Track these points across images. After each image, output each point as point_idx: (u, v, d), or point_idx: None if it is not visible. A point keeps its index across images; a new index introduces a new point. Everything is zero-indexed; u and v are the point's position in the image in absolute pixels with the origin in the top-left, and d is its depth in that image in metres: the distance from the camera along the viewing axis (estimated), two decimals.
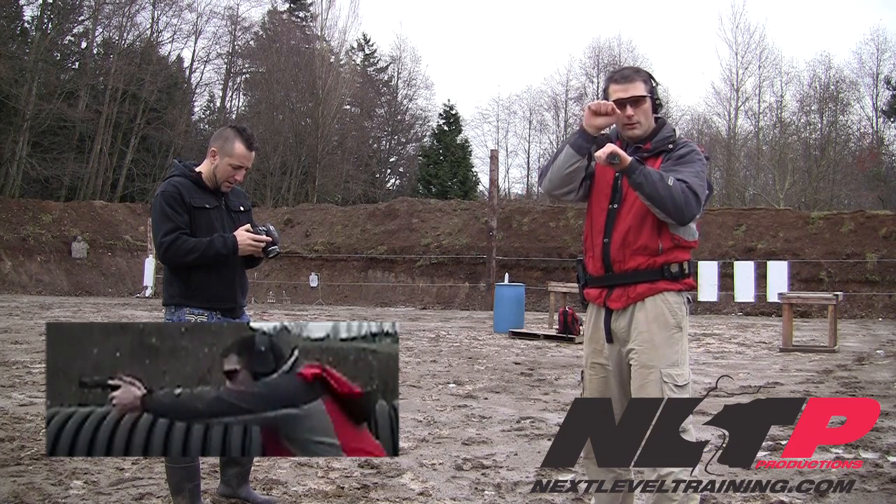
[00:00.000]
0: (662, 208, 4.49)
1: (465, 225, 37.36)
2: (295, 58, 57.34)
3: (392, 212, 39.66)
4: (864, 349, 17.38)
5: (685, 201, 4.47)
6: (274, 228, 5.84)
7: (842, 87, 54.70)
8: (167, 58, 57.38)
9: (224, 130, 5.73)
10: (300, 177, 55.42)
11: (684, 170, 4.59)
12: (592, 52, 62.53)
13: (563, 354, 16.13)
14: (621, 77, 4.84)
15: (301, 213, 42.16)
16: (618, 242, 4.70)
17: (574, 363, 14.34)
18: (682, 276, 4.72)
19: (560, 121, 63.43)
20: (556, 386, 11.86)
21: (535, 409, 9.99)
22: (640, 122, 4.76)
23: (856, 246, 30.30)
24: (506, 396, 10.92)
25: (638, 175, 4.47)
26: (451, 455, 7.52)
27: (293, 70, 56.47)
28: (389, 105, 67.88)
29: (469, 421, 9.17)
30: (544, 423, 9.00)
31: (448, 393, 11.07)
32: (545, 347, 17.52)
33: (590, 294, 4.90)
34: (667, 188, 4.45)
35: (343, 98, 58.20)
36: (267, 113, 56.25)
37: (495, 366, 14.05)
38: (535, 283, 31.58)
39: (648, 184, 4.45)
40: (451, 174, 57.85)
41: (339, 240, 38.67)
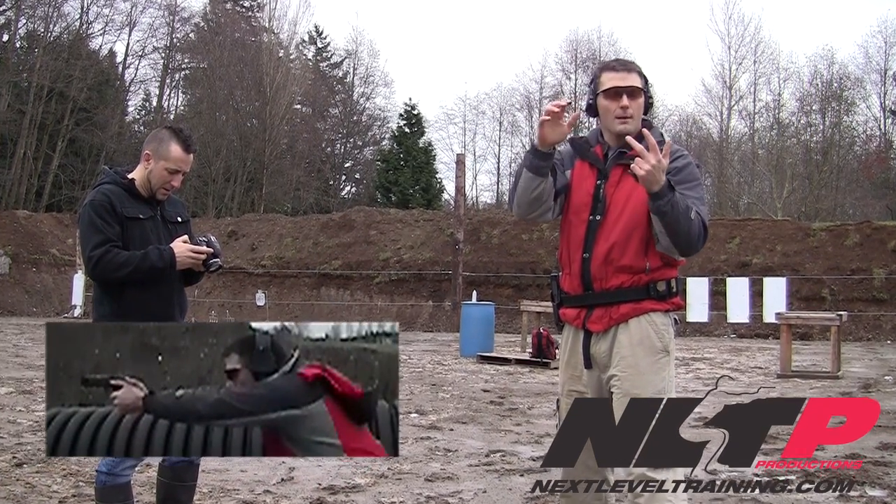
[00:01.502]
0: (674, 240, 4.51)
1: (428, 237, 37.35)
2: (240, 52, 57.30)
3: (347, 223, 39.60)
4: (870, 375, 17.42)
5: (698, 236, 4.51)
6: (215, 239, 5.81)
7: (846, 84, 54.82)
8: (98, 52, 57.36)
9: (159, 132, 5.71)
10: (245, 184, 55.38)
11: (690, 194, 4.58)
12: (569, 46, 62.94)
13: (536, 381, 16.16)
14: (620, 65, 4.83)
15: (246, 224, 42.04)
16: (600, 259, 4.67)
17: (549, 391, 14.36)
18: (670, 295, 4.72)
19: (533, 122, 63.33)
20: (529, 416, 11.89)
21: (506, 441, 10.01)
22: (633, 116, 4.72)
23: (861, 261, 30.16)
24: (473, 427, 10.93)
25: (666, 203, 4.41)
26: (413, 493, 7.51)
27: (238, 66, 56.43)
28: (344, 104, 67.96)
29: (433, 455, 9.17)
30: (516, 457, 9.02)
31: (410, 423, 11.06)
32: (517, 373, 17.54)
33: (567, 315, 4.88)
34: (689, 222, 4.45)
35: (293, 97, 58.23)
36: (209, 113, 56.16)
37: (462, 393, 14.06)
38: (506, 301, 31.57)
39: (673, 214, 4.42)
40: (413, 181, 57.85)
41: (289, 254, 38.57)
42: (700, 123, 59.29)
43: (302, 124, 62.25)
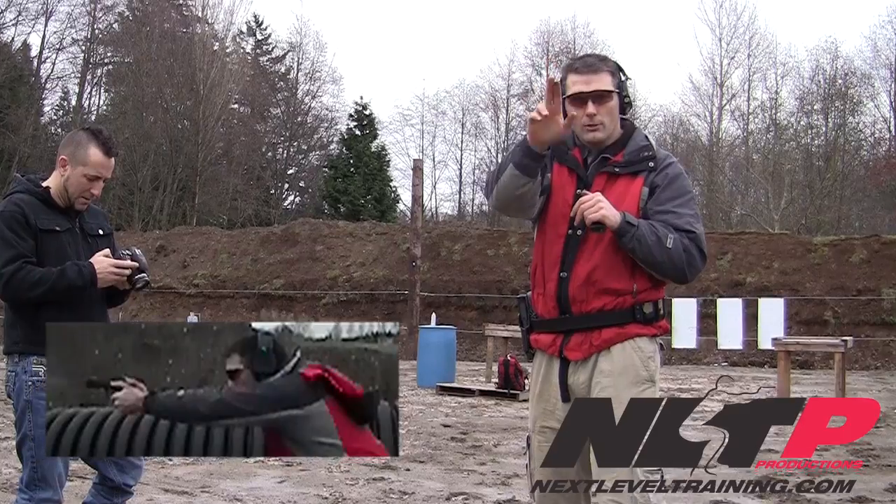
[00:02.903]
0: (659, 273, 4.55)
1: (381, 253, 37.37)
2: (169, 45, 57.27)
3: (291, 237, 39.59)
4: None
5: (687, 262, 4.53)
6: (141, 253, 5.74)
7: (852, 81, 54.41)
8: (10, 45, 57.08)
9: (75, 134, 5.66)
10: (176, 193, 55.25)
11: (684, 212, 4.59)
12: (540, 38, 63.13)
13: (503, 415, 16.15)
14: (584, 66, 4.75)
15: (177, 238, 41.98)
16: (580, 279, 4.63)
17: (518, 426, 14.33)
18: (657, 318, 4.70)
19: (500, 123, 63.63)
20: (494, 454, 11.87)
21: (469, 482, 9.98)
22: (603, 122, 4.68)
23: (869, 279, 30.10)
24: (432, 467, 10.90)
25: (629, 240, 4.44)
26: None
27: (167, 60, 56.38)
28: (287, 104, 67.92)
29: (387, 498, 9.14)
30: (480, 501, 8.99)
31: (360, 462, 11.02)
32: (481, 406, 17.53)
33: (540, 341, 4.84)
34: (664, 252, 4.46)
35: (230, 95, 58.23)
36: (135, 113, 56.00)
37: (419, 429, 14.03)
38: (469, 325, 31.64)
39: (642, 249, 4.45)
40: (365, 190, 57.83)
41: (225, 271, 38.52)
42: (687, 125, 59.46)
43: (240, 126, 62.22)
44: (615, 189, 4.62)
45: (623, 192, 4.63)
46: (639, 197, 4.64)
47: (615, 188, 4.63)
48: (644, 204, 4.64)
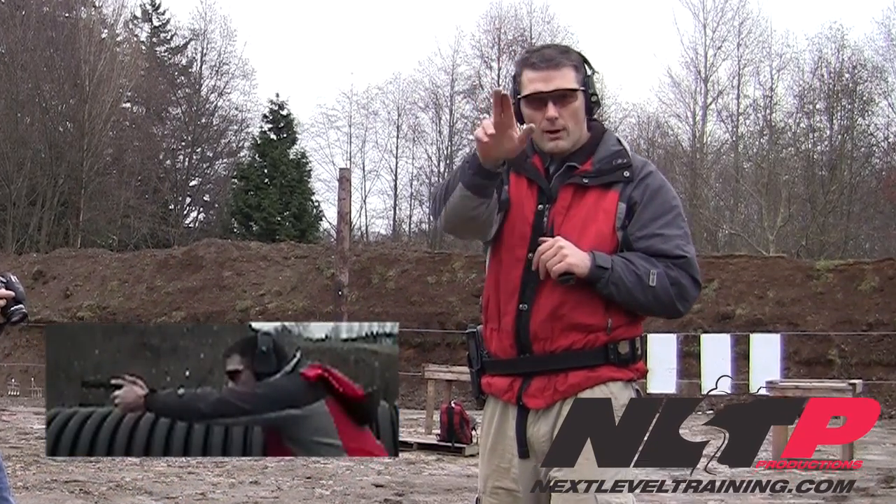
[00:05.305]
0: (645, 314, 4.59)
1: (301, 280, 37.38)
2: (49, 32, 57.05)
3: (194, 260, 39.53)
4: (894, 465, 17.36)
5: (678, 296, 4.52)
6: (17, 280, 5.69)
7: (861, 75, 54.01)
8: None
9: None
10: (57, 209, 55.01)
11: (671, 233, 4.55)
12: (490, 25, 63.17)
13: (446, 472, 16.13)
14: (542, 60, 4.62)
15: (58, 262, 41.81)
16: (543, 313, 4.53)
17: (464, 486, 14.31)
18: (633, 360, 4.63)
19: (442, 125, 63.71)
20: None
21: None
22: (566, 127, 4.57)
23: (882, 311, 29.72)
24: None
25: (604, 285, 4.40)
26: None
27: (47, 50, 56.17)
28: (189, 102, 67.85)
29: None
30: None
31: None
32: (420, 462, 17.50)
33: (493, 385, 4.73)
34: (647, 292, 4.44)
35: (121, 92, 58.10)
36: (7, 114, 55.67)
37: (346, 489, 14.00)
38: (406, 366, 31.52)
39: (621, 293, 4.42)
40: (282, 205, 57.58)
41: (115, 302, 38.40)
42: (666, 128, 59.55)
43: (133, 129, 62.13)
44: (584, 204, 4.55)
45: (593, 208, 4.55)
46: (614, 215, 4.54)
47: (584, 203, 4.55)
48: (621, 224, 4.55)
